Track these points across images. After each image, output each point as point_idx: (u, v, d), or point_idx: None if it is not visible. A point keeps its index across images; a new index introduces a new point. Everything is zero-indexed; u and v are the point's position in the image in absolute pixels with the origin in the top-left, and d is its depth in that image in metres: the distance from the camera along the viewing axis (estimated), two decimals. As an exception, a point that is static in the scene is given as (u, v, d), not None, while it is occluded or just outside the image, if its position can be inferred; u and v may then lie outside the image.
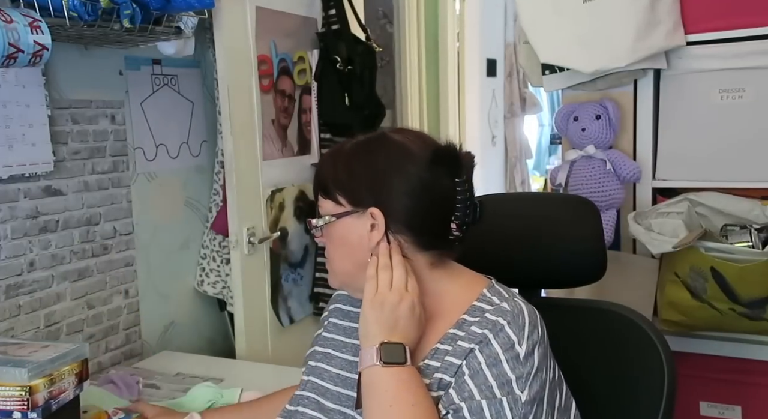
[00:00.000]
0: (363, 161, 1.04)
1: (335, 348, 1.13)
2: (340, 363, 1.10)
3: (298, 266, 2.17)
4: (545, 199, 1.58)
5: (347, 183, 1.04)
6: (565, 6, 1.85)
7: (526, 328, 0.96)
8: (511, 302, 1.00)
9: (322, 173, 1.07)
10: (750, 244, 1.69)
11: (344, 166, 1.04)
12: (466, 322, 0.99)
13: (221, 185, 2.02)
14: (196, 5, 1.55)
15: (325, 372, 1.10)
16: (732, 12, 1.78)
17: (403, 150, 1.03)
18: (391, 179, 1.01)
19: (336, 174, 1.05)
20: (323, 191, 1.06)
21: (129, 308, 1.87)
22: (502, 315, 0.97)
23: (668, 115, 1.91)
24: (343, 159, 1.05)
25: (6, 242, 1.54)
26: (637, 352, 1.16)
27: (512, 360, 0.94)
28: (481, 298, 1.02)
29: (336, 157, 1.07)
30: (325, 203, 1.05)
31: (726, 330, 1.76)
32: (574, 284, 1.39)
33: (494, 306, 0.99)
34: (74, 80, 1.68)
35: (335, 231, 1.05)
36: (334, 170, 1.05)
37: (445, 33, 3.68)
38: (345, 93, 2.12)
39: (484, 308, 0.99)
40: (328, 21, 2.17)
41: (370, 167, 1.03)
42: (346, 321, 1.15)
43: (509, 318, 0.96)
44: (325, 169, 1.07)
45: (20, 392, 1.11)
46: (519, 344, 0.94)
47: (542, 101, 5.00)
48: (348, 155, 1.05)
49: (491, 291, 1.03)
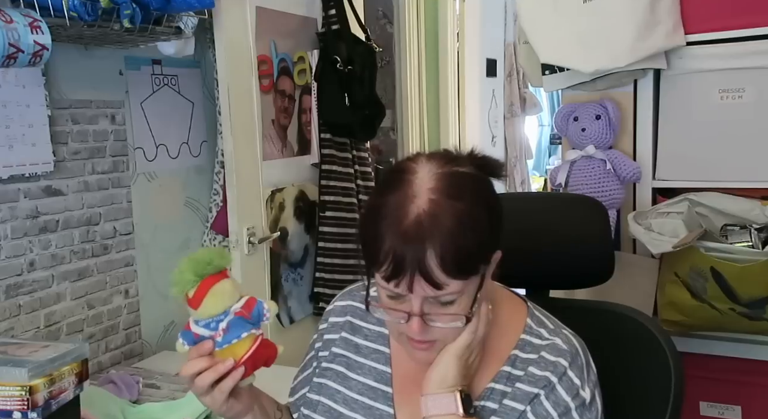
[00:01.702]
0: (482, 213, 0.88)
1: (348, 367, 1.04)
2: (357, 387, 1.02)
3: (298, 266, 2.17)
4: (554, 199, 1.58)
5: (483, 246, 0.89)
6: (565, 6, 1.85)
7: (584, 369, 0.94)
8: (563, 337, 0.97)
9: (462, 251, 0.85)
10: (750, 244, 1.69)
11: (474, 231, 0.86)
12: (519, 359, 0.95)
13: (221, 185, 2.03)
14: (196, 5, 1.55)
15: (337, 394, 1.03)
16: (732, 12, 1.77)
17: (486, 182, 0.93)
18: (500, 216, 0.92)
19: (473, 247, 0.86)
20: (465, 271, 0.86)
21: (129, 308, 1.87)
22: (562, 356, 0.94)
23: (668, 115, 1.91)
24: (467, 227, 0.86)
25: (6, 242, 1.54)
26: (645, 353, 1.15)
27: (579, 408, 0.92)
28: (528, 330, 0.98)
29: (464, 225, 0.85)
30: (456, 283, 0.86)
31: (726, 330, 1.76)
32: (582, 285, 1.38)
33: (547, 342, 0.96)
34: (74, 80, 1.68)
35: (479, 301, 0.91)
36: (472, 241, 0.86)
37: (445, 33, 3.68)
38: (345, 93, 2.12)
39: (536, 344, 0.96)
40: (328, 21, 2.17)
41: (491, 216, 0.90)
42: (357, 337, 1.07)
43: (569, 360, 0.94)
44: (466, 244, 0.85)
45: (20, 392, 1.11)
46: (582, 389, 0.93)
47: (542, 101, 5.00)
48: (468, 214, 0.86)
49: (534, 321, 1.00)
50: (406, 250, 0.84)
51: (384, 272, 0.86)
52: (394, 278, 0.86)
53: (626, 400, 1.16)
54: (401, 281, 0.85)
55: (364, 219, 0.92)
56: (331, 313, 1.12)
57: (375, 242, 0.86)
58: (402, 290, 0.87)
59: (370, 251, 0.88)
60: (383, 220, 0.87)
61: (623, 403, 1.15)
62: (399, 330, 0.92)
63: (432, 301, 0.87)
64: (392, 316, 0.90)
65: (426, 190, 0.86)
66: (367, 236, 0.89)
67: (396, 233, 0.85)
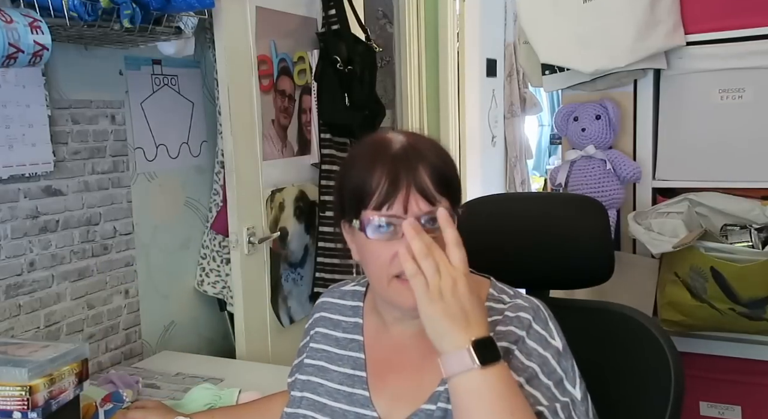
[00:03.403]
0: (448, 155, 0.99)
1: (329, 360, 1.08)
2: (337, 378, 1.05)
3: (298, 266, 2.17)
4: (554, 199, 1.58)
5: (458, 178, 0.98)
6: (565, 6, 1.85)
7: (548, 322, 0.96)
8: (523, 298, 0.99)
9: (449, 171, 0.96)
10: (750, 244, 1.69)
11: (451, 160, 0.98)
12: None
13: (221, 185, 2.03)
14: (196, 5, 1.55)
15: (320, 387, 1.06)
16: (732, 12, 1.78)
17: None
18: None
19: (453, 170, 0.97)
20: (451, 189, 0.95)
21: (129, 308, 1.87)
22: (523, 311, 0.96)
23: (668, 115, 1.91)
24: (446, 155, 0.98)
25: (6, 242, 1.54)
26: (645, 353, 1.16)
27: (555, 356, 0.93)
28: (491, 298, 1.00)
29: (443, 153, 0.98)
30: (444, 201, 0.93)
31: (726, 330, 1.76)
32: (582, 285, 1.39)
33: (508, 304, 0.98)
34: (74, 80, 1.68)
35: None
36: (452, 165, 0.97)
37: (445, 33, 3.68)
38: (345, 93, 2.12)
39: (498, 308, 0.98)
40: (328, 21, 2.17)
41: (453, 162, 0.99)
42: (337, 331, 1.10)
43: (532, 314, 0.96)
44: (451, 166, 0.97)
45: (20, 392, 1.11)
46: (552, 338, 0.94)
47: (542, 101, 5.00)
48: (441, 150, 0.98)
49: (496, 290, 1.02)
50: (400, 167, 0.91)
51: (378, 197, 0.91)
52: (388, 200, 0.91)
53: (626, 400, 1.16)
54: (395, 200, 0.91)
55: (344, 168, 0.99)
56: (314, 309, 1.18)
57: (365, 175, 0.93)
58: (396, 211, 0.91)
59: (359, 186, 0.93)
60: (369, 156, 0.95)
61: (623, 403, 1.16)
62: (390, 270, 0.93)
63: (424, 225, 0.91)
64: (388, 242, 0.92)
65: (400, 135, 0.97)
66: (354, 175, 0.95)
67: (386, 158, 0.93)
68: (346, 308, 1.12)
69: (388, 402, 1.00)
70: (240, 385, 1.54)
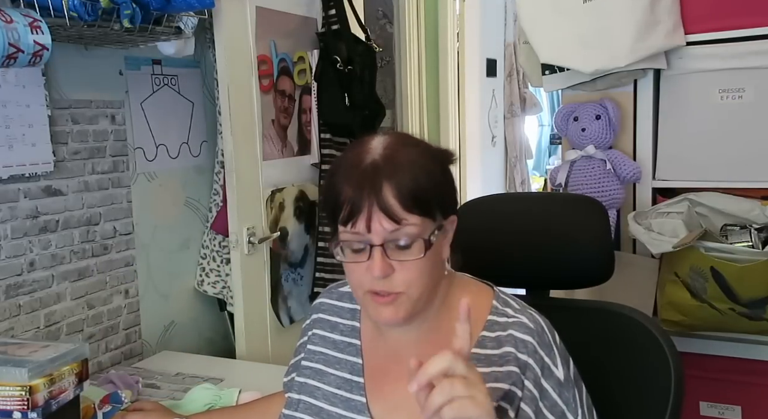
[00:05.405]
0: (435, 166, 0.94)
1: (326, 363, 1.07)
2: (335, 381, 1.05)
3: (298, 266, 2.17)
4: (554, 199, 1.58)
5: (439, 192, 0.94)
6: (565, 6, 1.85)
7: (552, 347, 0.96)
8: (527, 315, 0.98)
9: (420, 187, 0.90)
10: (750, 244, 1.69)
11: (428, 174, 0.92)
12: (488, 338, 0.97)
13: (221, 185, 2.03)
14: (196, 5, 1.54)
15: (317, 390, 1.06)
16: (732, 12, 1.78)
17: (447, 153, 0.98)
18: (453, 182, 0.97)
19: (429, 186, 0.92)
20: (422, 207, 0.91)
21: (129, 308, 1.87)
22: (529, 334, 0.95)
23: (668, 115, 1.91)
24: (423, 169, 0.92)
25: (6, 242, 1.54)
26: (645, 353, 1.16)
27: (557, 387, 0.94)
28: (495, 311, 1.00)
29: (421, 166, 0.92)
30: (414, 218, 0.90)
31: (726, 330, 1.76)
32: (582, 285, 1.39)
33: (513, 319, 0.97)
34: (74, 80, 1.68)
35: (434, 248, 0.93)
36: (427, 180, 0.91)
37: (445, 33, 3.68)
38: (345, 93, 2.12)
39: (502, 323, 0.97)
40: (328, 21, 2.17)
41: (445, 174, 0.96)
42: (335, 334, 1.10)
43: (537, 339, 0.95)
44: (420, 181, 0.91)
45: (20, 392, 1.11)
46: (555, 366, 0.94)
47: (542, 101, 5.00)
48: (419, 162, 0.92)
49: (500, 302, 1.01)
50: (364, 184, 0.89)
51: (344, 214, 0.90)
52: (352, 217, 0.89)
53: (626, 400, 1.16)
54: (358, 219, 0.89)
55: (326, 179, 1.01)
56: (311, 309, 1.17)
57: (335, 190, 0.92)
58: (360, 229, 0.89)
59: (332, 199, 0.93)
60: (341, 170, 0.93)
61: (623, 403, 1.16)
62: (363, 286, 0.93)
63: (391, 246, 0.90)
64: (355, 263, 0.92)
65: (382, 145, 0.93)
66: (328, 189, 0.95)
67: (355, 174, 0.91)
68: (344, 311, 1.11)
69: (385, 411, 1.00)
70: (240, 385, 1.54)
